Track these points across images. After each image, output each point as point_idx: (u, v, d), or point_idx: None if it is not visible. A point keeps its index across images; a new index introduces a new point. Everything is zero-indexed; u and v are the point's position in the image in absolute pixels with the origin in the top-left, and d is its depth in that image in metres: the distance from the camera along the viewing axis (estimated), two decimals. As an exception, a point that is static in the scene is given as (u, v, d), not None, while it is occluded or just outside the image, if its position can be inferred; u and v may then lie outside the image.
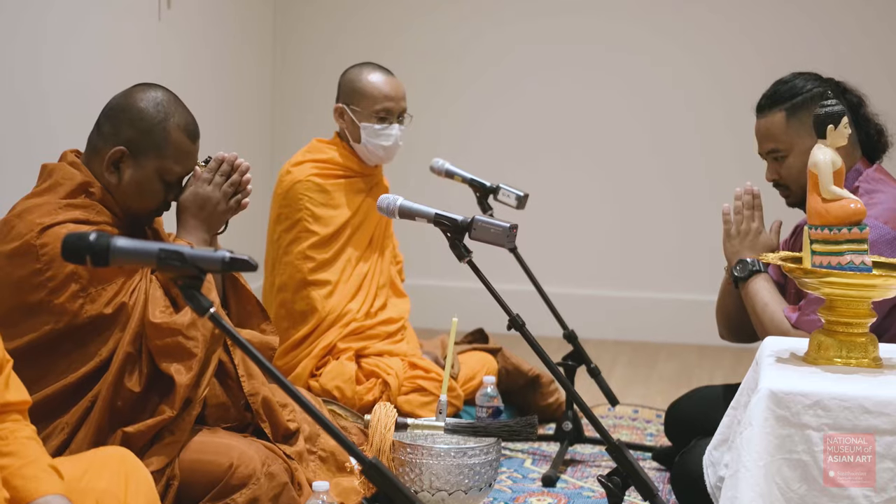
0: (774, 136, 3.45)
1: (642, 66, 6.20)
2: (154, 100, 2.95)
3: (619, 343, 6.06)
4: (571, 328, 4.08)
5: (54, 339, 2.83)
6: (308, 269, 4.13)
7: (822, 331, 2.62)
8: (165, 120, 2.94)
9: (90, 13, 4.53)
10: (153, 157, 2.93)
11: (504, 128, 6.32)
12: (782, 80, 3.51)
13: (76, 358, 2.85)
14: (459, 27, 6.36)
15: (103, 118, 2.98)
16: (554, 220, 6.19)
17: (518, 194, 4.19)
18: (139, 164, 2.93)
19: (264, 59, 6.39)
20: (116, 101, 2.99)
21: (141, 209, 2.99)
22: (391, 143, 4.18)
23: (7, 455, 2.26)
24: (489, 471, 3.06)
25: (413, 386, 4.10)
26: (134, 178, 2.94)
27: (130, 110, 2.94)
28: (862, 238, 2.58)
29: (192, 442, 2.88)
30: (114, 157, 2.92)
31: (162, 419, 2.84)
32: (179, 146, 2.95)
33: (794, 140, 3.41)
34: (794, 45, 6.00)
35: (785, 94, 3.45)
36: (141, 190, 2.95)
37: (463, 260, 3.18)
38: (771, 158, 3.48)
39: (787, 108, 3.42)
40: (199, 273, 2.13)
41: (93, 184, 2.92)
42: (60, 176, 2.93)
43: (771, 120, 3.45)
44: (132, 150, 2.92)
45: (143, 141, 2.92)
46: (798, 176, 3.39)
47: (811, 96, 3.40)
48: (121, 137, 2.92)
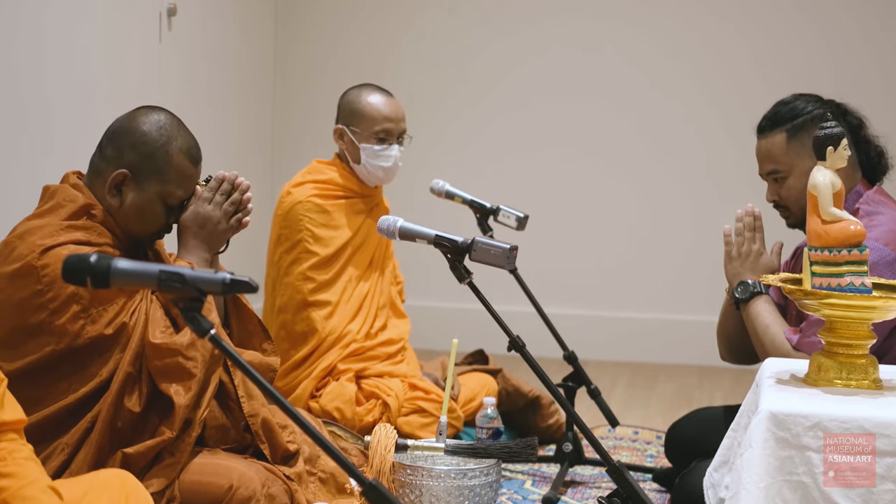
0: (775, 157, 3.45)
1: (646, 87, 6.21)
2: (157, 123, 2.95)
3: (619, 364, 6.06)
4: (571, 349, 4.07)
5: (55, 359, 2.83)
6: (308, 290, 4.13)
7: (823, 352, 2.62)
8: (168, 144, 2.94)
9: (90, 30, 4.54)
10: (155, 181, 2.93)
11: (503, 148, 6.32)
12: (783, 101, 3.52)
13: (76, 379, 2.84)
14: (460, 45, 6.37)
15: (106, 140, 2.98)
16: (554, 242, 6.19)
17: (518, 215, 4.20)
18: (141, 187, 2.93)
19: (264, 78, 6.40)
20: (119, 123, 2.99)
21: (142, 232, 2.99)
22: (391, 164, 4.19)
23: (5, 476, 2.24)
24: (489, 492, 3.06)
25: (413, 407, 4.10)
26: (136, 202, 2.94)
27: (133, 133, 2.94)
28: (862, 260, 2.58)
29: (192, 463, 2.88)
30: (116, 180, 2.92)
31: (161, 440, 2.84)
32: (181, 170, 2.96)
33: (794, 161, 3.41)
34: (798, 63, 6.02)
35: (786, 115, 3.45)
36: (142, 213, 2.95)
37: (463, 281, 3.18)
38: (771, 179, 3.48)
39: (787, 130, 3.42)
40: (200, 295, 2.13)
41: (94, 206, 2.92)
42: (62, 198, 2.93)
43: (772, 141, 3.45)
44: (134, 174, 2.92)
45: (145, 165, 2.93)
46: (798, 197, 3.40)
47: (812, 118, 3.41)
48: (123, 161, 2.92)
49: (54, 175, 4.31)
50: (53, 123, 4.33)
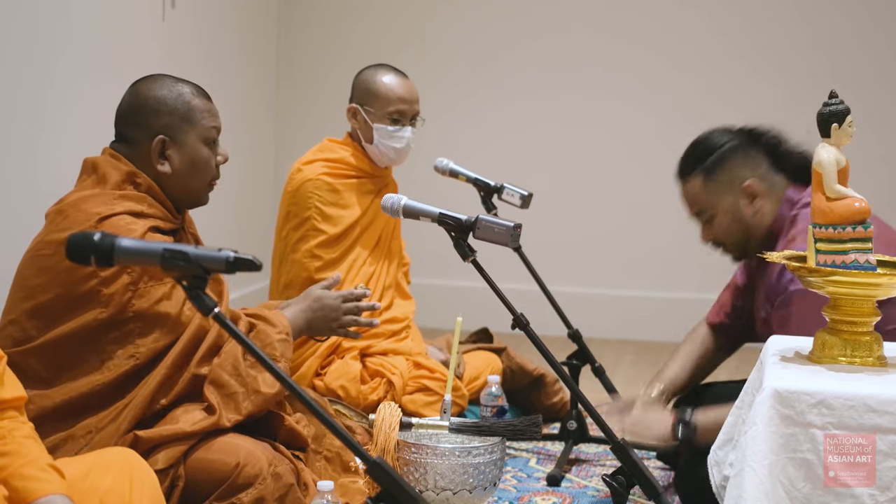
0: (697, 199, 3.57)
1: (652, 70, 6.21)
2: (160, 85, 3.03)
3: (624, 342, 6.06)
4: (576, 327, 4.08)
5: (96, 330, 2.85)
6: (315, 268, 4.13)
7: (827, 329, 2.62)
8: (181, 94, 3.03)
9: (91, 8, 4.53)
10: (189, 129, 3.01)
11: (510, 128, 6.32)
12: (697, 139, 3.61)
13: (112, 355, 2.87)
14: (467, 28, 6.37)
15: (123, 125, 3.05)
16: (558, 220, 6.19)
17: (522, 193, 4.19)
18: (181, 142, 3.01)
19: (268, 56, 6.39)
20: (126, 104, 3.06)
21: (200, 186, 3.06)
22: (403, 146, 4.19)
23: (5, 455, 2.24)
24: (494, 470, 3.06)
25: (417, 385, 4.10)
26: (184, 157, 3.02)
27: (147, 104, 3.01)
28: (866, 237, 2.57)
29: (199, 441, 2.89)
30: (157, 148, 2.99)
31: (177, 432, 2.85)
32: (203, 108, 3.05)
33: (715, 200, 3.53)
34: (797, 62, 6.03)
35: (700, 155, 3.56)
36: (194, 164, 3.03)
37: (467, 259, 3.18)
38: (701, 221, 3.59)
39: (703, 171, 3.53)
40: (204, 273, 2.14)
41: (138, 174, 2.98)
42: (106, 168, 2.99)
43: (691, 185, 3.57)
44: (170, 135, 3.00)
45: (174, 122, 3.00)
46: (727, 232, 3.54)
47: (723, 153, 3.52)
48: (153, 129, 3.00)
49: (53, 155, 4.33)
50: (53, 103, 4.32)
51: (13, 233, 4.12)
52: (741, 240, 3.54)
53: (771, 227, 3.49)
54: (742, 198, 3.50)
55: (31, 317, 2.89)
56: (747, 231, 3.52)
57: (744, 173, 3.50)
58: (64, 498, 2.22)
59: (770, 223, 3.49)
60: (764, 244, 3.49)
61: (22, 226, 4.15)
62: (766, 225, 3.50)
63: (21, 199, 4.15)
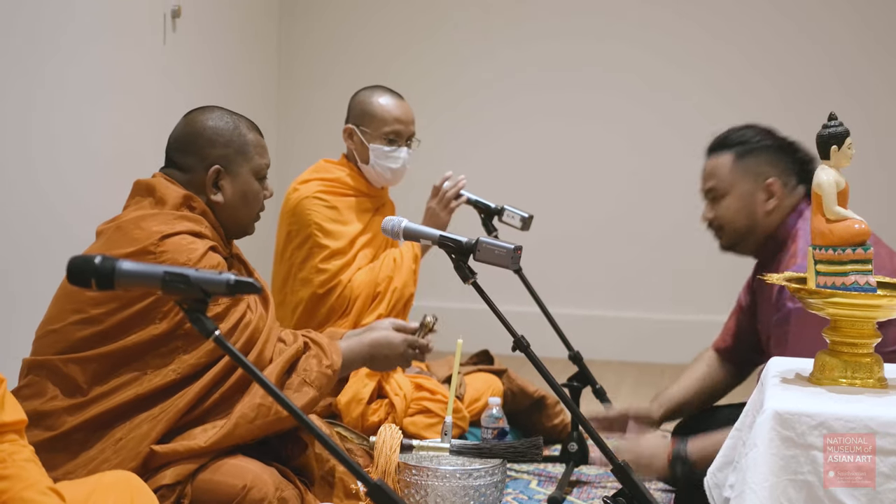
0: (718, 174, 3.58)
1: (650, 89, 6.22)
2: (216, 116, 3.10)
3: (625, 364, 6.05)
4: (577, 349, 4.08)
5: (145, 344, 2.88)
6: (319, 283, 4.13)
7: (827, 351, 2.62)
8: (237, 127, 3.10)
9: (93, 31, 4.55)
10: (243, 162, 3.08)
11: (509, 149, 6.33)
12: (738, 126, 3.65)
13: (153, 368, 2.89)
14: (465, 48, 6.38)
15: (178, 154, 3.09)
16: (559, 242, 6.19)
17: (523, 216, 4.20)
18: (235, 173, 3.08)
19: (268, 78, 6.41)
20: (181, 134, 3.11)
21: (248, 217, 3.12)
22: (399, 166, 4.20)
23: (5, 478, 2.23)
24: (494, 492, 3.06)
25: (418, 407, 4.10)
26: (236, 189, 3.08)
27: (202, 135, 3.07)
28: (866, 258, 2.58)
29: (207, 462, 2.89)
30: (212, 177, 3.05)
31: (192, 448, 2.85)
32: (257, 143, 3.13)
33: (736, 181, 3.56)
34: (802, 72, 6.03)
35: (738, 138, 3.60)
36: (245, 196, 3.09)
37: (468, 281, 3.18)
38: (710, 197, 3.61)
39: (736, 151, 3.57)
40: (205, 296, 2.14)
41: (194, 199, 3.03)
42: (163, 190, 3.03)
43: (718, 159, 3.60)
44: (225, 165, 3.07)
45: (230, 153, 3.07)
46: (733, 217, 3.56)
47: (760, 146, 3.56)
48: (209, 159, 3.06)
49: (58, 176, 4.34)
50: (57, 126, 4.33)
51: (15, 238, 4.13)
52: (741, 230, 3.57)
53: (775, 232, 3.52)
54: (760, 191, 3.53)
55: (82, 329, 2.90)
56: (752, 225, 3.55)
57: (771, 171, 3.54)
58: (64, 521, 2.21)
59: (776, 227, 3.52)
60: (762, 247, 3.52)
61: (22, 234, 4.16)
62: (773, 227, 3.53)
63: (24, 201, 4.15)
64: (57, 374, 2.89)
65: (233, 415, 2.88)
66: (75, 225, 4.29)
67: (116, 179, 4.75)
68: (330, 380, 3.02)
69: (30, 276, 4.14)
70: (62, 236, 4.25)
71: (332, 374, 3.02)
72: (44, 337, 2.95)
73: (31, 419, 2.84)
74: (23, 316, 3.81)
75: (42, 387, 2.90)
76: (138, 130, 4.93)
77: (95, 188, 4.56)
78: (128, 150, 4.82)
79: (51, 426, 2.86)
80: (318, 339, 3.07)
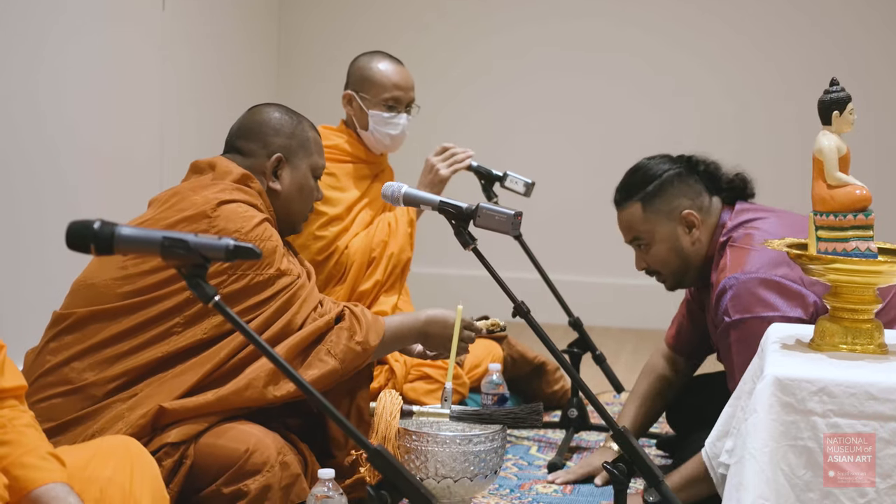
0: (634, 227, 3.56)
1: (651, 58, 6.20)
2: (280, 111, 3.19)
3: (625, 330, 6.06)
4: (577, 315, 4.08)
5: (177, 305, 2.91)
6: (316, 249, 4.12)
7: (828, 317, 2.61)
8: (300, 123, 3.20)
9: (89, 10, 4.53)
10: (303, 156, 3.17)
11: (510, 116, 6.32)
12: (633, 168, 3.61)
13: (180, 329, 2.92)
14: (464, 12, 6.35)
15: (241, 141, 3.15)
16: (559, 208, 6.18)
17: (526, 181, 4.19)
18: (295, 166, 3.16)
19: (268, 45, 6.38)
20: (246, 122, 3.18)
21: (300, 211, 3.20)
22: (398, 132, 4.18)
23: (5, 444, 2.24)
24: (494, 458, 3.06)
25: (418, 374, 4.10)
26: (294, 180, 3.16)
27: (268, 123, 3.15)
28: (867, 224, 2.57)
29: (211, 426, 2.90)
30: (273, 164, 3.13)
31: (201, 403, 2.87)
32: (318, 142, 3.22)
33: (653, 228, 3.52)
34: (807, 52, 6.02)
35: (639, 182, 3.55)
36: (301, 189, 3.18)
37: (468, 247, 3.18)
38: (636, 247, 3.58)
39: (641, 199, 3.52)
40: (204, 261, 2.13)
41: (253, 179, 3.08)
42: (223, 167, 3.08)
43: (629, 212, 3.55)
44: (287, 156, 3.15)
45: (292, 145, 3.16)
46: (665, 261, 3.54)
47: (663, 181, 3.51)
48: (272, 147, 3.14)
49: (58, 147, 4.33)
50: (55, 94, 4.32)
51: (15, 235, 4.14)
52: (678, 269, 3.54)
53: (706, 254, 3.50)
54: (680, 227, 3.50)
55: (121, 285, 2.94)
56: (685, 261, 3.52)
57: (683, 202, 3.50)
58: (64, 486, 2.21)
59: (706, 252, 3.50)
60: (701, 273, 3.50)
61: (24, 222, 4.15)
62: (703, 254, 3.50)
63: (22, 196, 4.15)
64: (86, 330, 2.92)
65: (245, 375, 2.90)
66: (71, 205, 4.31)
67: (115, 169, 4.75)
68: (358, 355, 3.02)
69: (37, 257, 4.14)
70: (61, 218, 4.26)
71: (360, 350, 3.01)
72: (80, 290, 2.99)
73: (53, 374, 2.88)
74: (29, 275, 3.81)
75: (69, 341, 2.92)
76: (136, 115, 4.93)
77: (93, 183, 4.57)
78: (127, 142, 4.82)
79: (71, 380, 2.89)
80: (358, 314, 3.06)
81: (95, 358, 2.91)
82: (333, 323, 3.02)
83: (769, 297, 3.20)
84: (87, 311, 2.94)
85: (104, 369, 2.90)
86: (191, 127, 5.40)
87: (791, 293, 3.20)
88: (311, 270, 3.19)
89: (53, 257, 3.87)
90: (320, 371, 2.95)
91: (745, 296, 3.22)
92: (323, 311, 3.02)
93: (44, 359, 2.93)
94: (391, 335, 3.11)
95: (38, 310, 3.51)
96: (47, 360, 2.92)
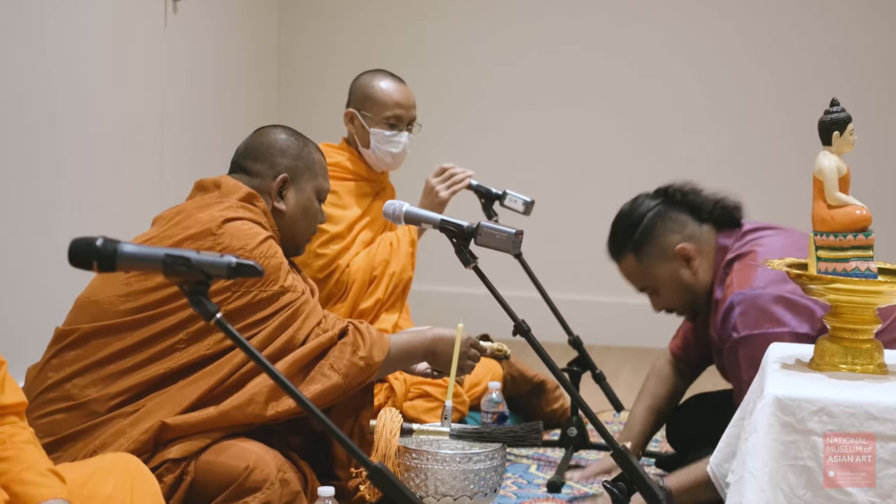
0: (635, 276, 3.63)
1: (650, 74, 6.21)
2: (286, 133, 3.20)
3: (625, 349, 6.06)
4: (577, 334, 4.08)
5: (180, 322, 2.91)
6: (318, 267, 4.12)
7: (828, 337, 2.62)
8: (306, 145, 3.21)
9: (94, 13, 4.54)
10: (308, 178, 3.19)
11: (510, 134, 6.33)
12: (615, 219, 3.65)
13: (184, 346, 2.92)
14: (466, 31, 6.37)
15: (247, 161, 3.17)
16: (559, 227, 6.19)
17: (525, 200, 4.20)
18: (300, 187, 3.18)
19: (270, 61, 6.40)
20: (252, 143, 3.20)
21: (304, 233, 3.21)
22: (399, 150, 4.19)
23: (5, 460, 2.24)
24: (494, 476, 3.06)
25: (418, 391, 4.10)
26: (299, 202, 3.17)
27: (274, 145, 3.17)
28: (867, 244, 2.58)
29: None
30: (279, 185, 3.14)
31: (204, 418, 2.87)
32: (323, 165, 3.24)
33: (653, 273, 3.57)
34: (802, 56, 6.03)
35: (625, 232, 3.59)
36: (305, 211, 3.19)
37: (468, 266, 3.18)
38: (647, 293, 3.64)
39: (632, 249, 3.58)
40: (206, 279, 2.14)
41: (258, 198, 3.10)
42: (229, 185, 3.10)
43: (626, 265, 3.62)
44: (292, 177, 3.17)
45: (298, 166, 3.18)
46: (675, 300, 3.59)
47: (647, 224, 3.55)
48: (278, 167, 3.15)
49: (59, 160, 4.34)
50: (58, 107, 4.33)
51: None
52: (689, 302, 3.57)
53: (712, 280, 3.51)
54: (678, 263, 3.52)
55: (125, 302, 2.94)
56: (692, 293, 3.54)
57: (673, 239, 3.53)
58: (64, 503, 2.21)
59: (711, 278, 3.51)
60: (711, 298, 3.51)
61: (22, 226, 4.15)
62: (708, 281, 3.51)
63: (18, 201, 4.16)
64: (88, 346, 2.92)
65: (247, 390, 2.90)
66: (74, 205, 4.31)
67: (119, 160, 4.76)
68: (361, 371, 3.01)
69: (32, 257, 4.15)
70: (60, 215, 4.26)
71: (364, 366, 3.01)
72: (83, 307, 2.99)
73: (55, 390, 2.88)
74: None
75: (71, 357, 2.92)
76: (140, 113, 4.94)
77: (94, 198, 4.58)
78: (127, 157, 4.83)
79: (73, 397, 2.89)
80: (363, 330, 3.06)
81: (98, 374, 2.91)
82: (337, 338, 3.02)
83: (779, 312, 3.21)
84: (91, 327, 2.94)
85: (107, 385, 2.90)
86: (191, 142, 5.41)
87: (799, 308, 3.21)
88: (314, 287, 3.19)
89: (55, 274, 3.87)
90: (323, 386, 2.95)
91: (753, 312, 3.23)
92: (326, 326, 3.02)
93: (46, 375, 2.93)
94: (398, 352, 3.11)
95: (38, 326, 3.51)
96: (49, 377, 2.92)
